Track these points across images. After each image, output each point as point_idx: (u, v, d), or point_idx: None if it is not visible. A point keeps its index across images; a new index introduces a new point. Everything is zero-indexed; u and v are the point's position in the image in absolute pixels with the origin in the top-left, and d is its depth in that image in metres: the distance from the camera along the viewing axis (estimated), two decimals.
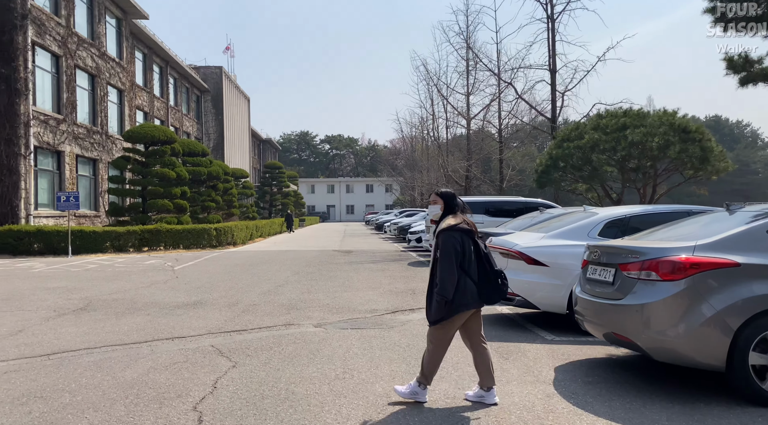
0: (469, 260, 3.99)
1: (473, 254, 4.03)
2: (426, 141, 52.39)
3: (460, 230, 3.97)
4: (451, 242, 3.93)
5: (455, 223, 4.00)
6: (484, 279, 4.05)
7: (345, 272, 13.44)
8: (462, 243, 3.95)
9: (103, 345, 6.12)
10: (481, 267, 4.05)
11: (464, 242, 3.97)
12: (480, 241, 4.12)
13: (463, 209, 4.16)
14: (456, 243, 3.92)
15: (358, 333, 6.70)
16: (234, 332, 6.85)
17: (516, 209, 15.04)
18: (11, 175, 19.41)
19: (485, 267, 4.06)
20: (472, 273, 4.00)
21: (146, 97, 33.48)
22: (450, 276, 3.88)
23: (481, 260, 4.06)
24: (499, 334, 6.63)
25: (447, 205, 4.15)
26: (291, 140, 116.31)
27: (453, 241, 3.93)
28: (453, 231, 3.97)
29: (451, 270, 3.89)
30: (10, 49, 19.47)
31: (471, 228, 4.05)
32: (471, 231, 4.04)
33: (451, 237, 3.95)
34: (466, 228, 4.01)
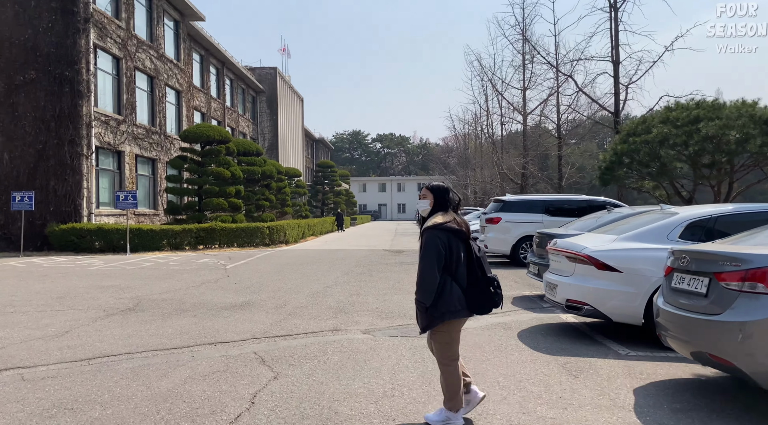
0: (458, 263, 3.57)
1: (464, 257, 3.60)
2: (479, 138, 51.40)
3: (447, 229, 3.55)
4: (435, 242, 3.51)
5: (443, 222, 3.58)
6: (475, 285, 3.61)
7: (395, 273, 12.99)
8: (448, 244, 3.53)
9: (144, 350, 5.90)
10: (471, 273, 3.62)
11: (451, 243, 3.55)
12: (473, 243, 3.70)
13: (456, 207, 3.73)
14: (440, 244, 3.51)
15: (408, 343, 6.22)
16: (279, 337, 6.51)
17: (578, 208, 14.20)
18: (74, 175, 20.02)
19: (476, 273, 3.62)
20: (461, 278, 3.59)
21: (203, 98, 34.16)
22: (428, 279, 3.48)
23: (472, 264, 3.63)
24: (565, 347, 5.99)
25: (437, 201, 3.72)
26: (343, 139, 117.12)
27: (437, 241, 3.51)
28: (439, 230, 3.55)
29: (430, 274, 3.48)
30: (73, 52, 20.08)
31: (461, 228, 3.61)
32: (461, 232, 3.60)
33: (435, 236, 3.53)
34: (455, 227, 3.57)
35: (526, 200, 14.82)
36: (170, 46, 28.66)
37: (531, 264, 9.52)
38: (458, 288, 3.56)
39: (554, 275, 6.81)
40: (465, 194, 56.65)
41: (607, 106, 24.93)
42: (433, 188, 3.75)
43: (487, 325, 7.18)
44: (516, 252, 14.28)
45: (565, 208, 14.37)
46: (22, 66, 20.11)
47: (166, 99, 27.52)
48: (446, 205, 3.69)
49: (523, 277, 12.05)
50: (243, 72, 42.05)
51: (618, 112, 23.07)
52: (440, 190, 3.74)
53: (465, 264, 3.61)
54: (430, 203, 3.72)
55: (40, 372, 5.09)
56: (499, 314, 7.95)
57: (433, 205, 3.71)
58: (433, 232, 3.55)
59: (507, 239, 14.35)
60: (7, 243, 19.95)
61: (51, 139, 20.00)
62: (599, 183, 18.40)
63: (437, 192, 3.73)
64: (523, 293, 9.98)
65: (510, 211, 14.53)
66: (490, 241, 14.71)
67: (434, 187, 3.75)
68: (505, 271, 13.24)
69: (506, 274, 12.67)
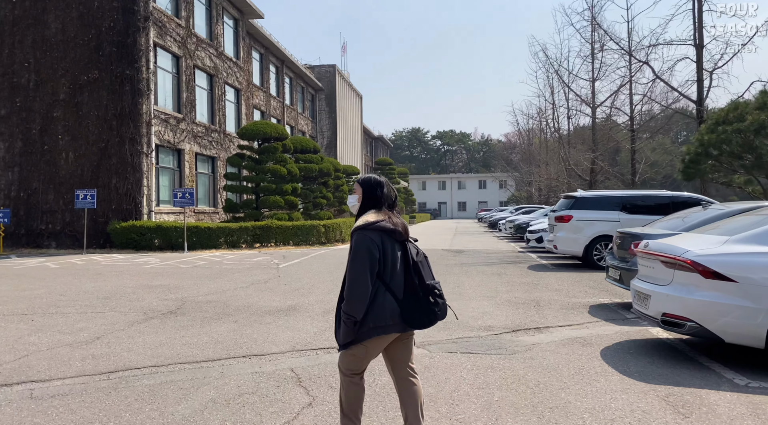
0: (393, 269, 2.99)
1: (400, 262, 3.02)
2: (545, 132, 49.29)
3: (380, 230, 2.98)
4: (366, 244, 2.93)
5: (375, 221, 3.00)
6: (411, 295, 3.02)
7: (455, 276, 12.04)
8: (381, 246, 2.96)
9: (171, 363, 5.28)
10: (408, 280, 3.03)
11: (386, 246, 2.98)
12: (412, 246, 3.12)
13: (392, 204, 3.16)
14: (372, 247, 2.93)
15: (470, 361, 5.31)
16: (321, 350, 5.75)
17: (659, 205, 12.76)
18: (134, 173, 20.21)
19: (413, 280, 3.03)
20: (396, 286, 3.00)
21: (263, 96, 34.26)
22: (358, 288, 2.90)
23: (408, 271, 3.04)
24: (663, 372, 4.91)
25: (367, 197, 3.14)
26: (402, 137, 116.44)
27: (368, 244, 2.93)
28: (369, 230, 2.97)
29: (361, 281, 2.90)
30: (133, 50, 20.27)
31: (396, 228, 3.02)
32: (396, 232, 3.01)
33: (365, 238, 2.95)
34: (390, 227, 3.00)
35: (600, 196, 13.48)
36: (230, 44, 28.77)
37: (611, 268, 8.36)
38: (392, 299, 2.97)
39: (645, 283, 5.71)
40: (529, 191, 54.65)
41: (688, 94, 22.88)
42: (363, 181, 3.19)
43: (562, 340, 6.16)
44: (589, 254, 12.99)
45: (645, 204, 12.94)
46: (86, 66, 20.49)
47: (225, 97, 27.62)
48: (379, 202, 3.12)
49: (598, 282, 10.83)
50: (302, 70, 42.06)
51: (701, 101, 21.04)
52: (372, 183, 3.16)
53: (402, 271, 3.02)
54: (358, 199, 3.16)
55: (53, 388, 4.54)
56: (576, 326, 6.89)
57: (362, 201, 3.15)
58: (364, 233, 2.96)
59: (579, 239, 13.08)
60: (72, 240, 20.41)
61: (113, 137, 20.29)
62: (682, 177, 16.73)
63: (368, 186, 3.15)
64: (601, 300, 8.82)
65: (582, 209, 13.25)
66: (559, 241, 13.48)
67: (364, 180, 3.19)
68: (577, 274, 12.02)
69: (578, 278, 11.46)
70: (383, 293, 2.97)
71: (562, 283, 10.72)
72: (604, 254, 12.91)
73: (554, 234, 13.84)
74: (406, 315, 2.98)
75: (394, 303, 2.97)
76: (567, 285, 10.41)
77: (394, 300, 2.97)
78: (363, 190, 3.15)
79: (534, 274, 12.20)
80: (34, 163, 20.76)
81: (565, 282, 10.94)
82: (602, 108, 31.20)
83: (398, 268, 3.01)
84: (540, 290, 9.88)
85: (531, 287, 10.27)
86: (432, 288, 3.04)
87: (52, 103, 20.68)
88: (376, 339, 2.99)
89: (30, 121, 20.82)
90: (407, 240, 3.09)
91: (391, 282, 2.99)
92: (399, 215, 3.16)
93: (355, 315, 2.91)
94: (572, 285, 10.42)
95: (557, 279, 11.37)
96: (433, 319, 3.05)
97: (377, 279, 2.97)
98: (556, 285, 10.42)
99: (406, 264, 3.05)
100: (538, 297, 9.14)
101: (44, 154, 20.68)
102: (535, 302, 8.65)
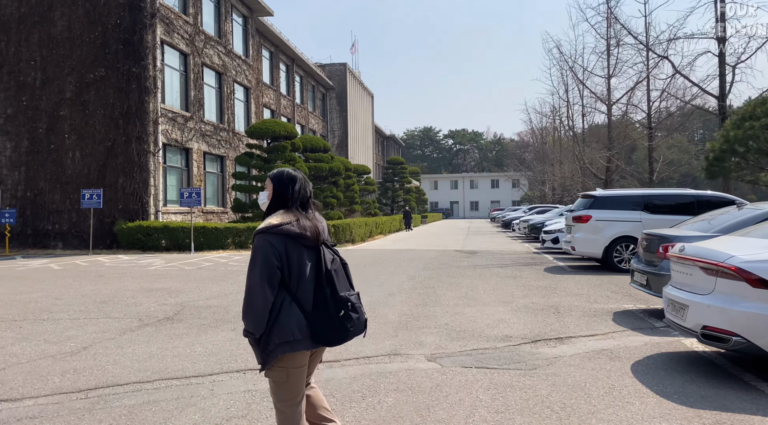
0: (300, 278, 2.63)
1: (310, 271, 2.64)
2: (558, 131, 48.48)
3: (283, 234, 2.60)
4: (264, 251, 2.56)
5: (278, 223, 2.62)
6: (321, 308, 2.64)
7: (468, 278, 11.51)
8: (285, 253, 2.60)
9: (158, 378, 4.83)
10: (318, 291, 2.66)
11: (290, 252, 2.61)
12: (328, 252, 2.73)
13: (305, 203, 2.76)
14: (271, 253, 2.56)
15: (486, 378, 4.80)
16: (323, 363, 5.27)
17: (683, 205, 12.14)
18: (141, 172, 19.90)
19: (323, 292, 2.65)
20: (304, 297, 2.64)
21: (273, 94, 33.90)
22: (256, 300, 2.53)
23: (320, 280, 2.66)
24: (706, 393, 4.36)
25: (277, 194, 2.75)
26: (414, 136, 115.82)
27: (266, 250, 2.56)
28: (272, 234, 2.59)
29: (257, 292, 2.54)
30: (140, 48, 19.95)
31: (304, 231, 2.63)
32: (303, 236, 2.62)
33: (264, 243, 2.58)
34: (296, 231, 2.61)
35: (621, 195, 12.87)
36: (239, 42, 28.42)
37: (636, 272, 7.79)
38: (298, 312, 2.62)
39: (681, 291, 5.15)
40: (542, 191, 53.81)
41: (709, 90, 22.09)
42: (274, 176, 2.79)
43: (587, 353, 5.63)
44: (609, 256, 12.39)
45: (668, 204, 12.31)
46: (93, 63, 20.21)
47: (234, 96, 27.27)
48: (288, 200, 2.73)
49: (620, 286, 10.24)
50: (313, 68, 41.66)
51: (724, 96, 20.27)
52: (284, 179, 2.76)
53: (312, 280, 2.65)
54: (268, 196, 2.79)
55: (23, 410, 4.10)
56: (600, 336, 6.35)
57: (271, 199, 2.77)
58: (264, 237, 2.59)
59: (598, 240, 12.48)
60: (79, 241, 20.14)
61: (119, 136, 19.99)
62: (705, 176, 16.04)
63: (278, 182, 2.76)
64: (625, 306, 8.25)
65: (602, 208, 12.64)
66: (577, 242, 12.88)
67: (276, 175, 2.79)
68: (597, 278, 11.43)
69: (599, 282, 10.88)
70: (288, 305, 2.61)
71: (582, 287, 10.15)
72: (625, 256, 12.32)
73: (572, 235, 13.25)
74: (314, 330, 2.61)
75: (301, 316, 2.61)
76: (587, 290, 9.84)
77: (300, 313, 2.61)
78: (273, 186, 2.75)
79: (551, 277, 11.63)
80: (41, 163, 20.52)
81: (585, 286, 10.37)
82: (618, 105, 30.45)
83: (307, 277, 2.64)
84: (559, 295, 9.33)
85: (549, 291, 9.71)
86: (345, 301, 2.66)
87: (58, 101, 20.43)
88: (290, 358, 2.60)
89: (36, 120, 20.59)
90: (321, 246, 2.71)
91: (298, 293, 2.63)
92: (314, 216, 2.78)
93: (254, 330, 2.55)
94: (593, 290, 9.85)
95: (576, 282, 10.80)
96: (345, 336, 2.67)
97: (282, 289, 2.61)
98: (576, 290, 9.86)
99: (318, 272, 2.67)
100: (557, 302, 8.59)
101: (51, 154, 20.44)
102: (554, 308, 8.10)
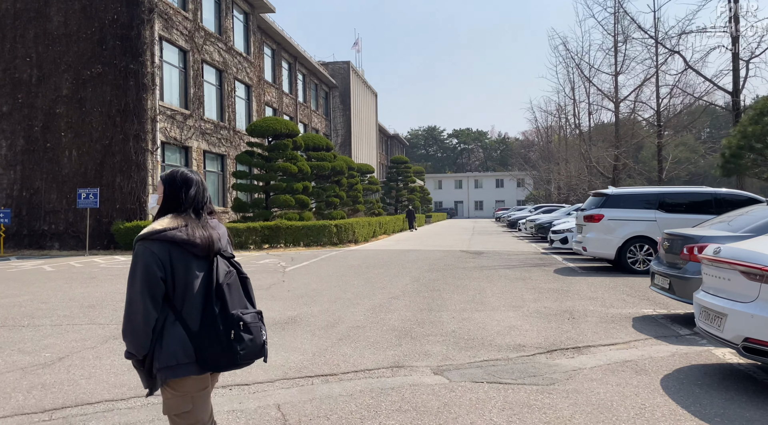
0: (186, 293, 2.29)
1: (199, 284, 2.30)
2: (564, 129, 47.85)
3: (168, 241, 2.27)
4: (144, 259, 2.24)
5: (163, 228, 2.29)
6: (209, 327, 2.27)
7: (475, 281, 10.99)
8: (170, 263, 2.27)
9: (134, 395, 4.34)
10: (207, 308, 2.30)
11: (176, 262, 2.28)
12: (223, 264, 2.38)
13: (198, 207, 2.42)
14: (152, 262, 2.24)
15: (500, 395, 4.29)
16: (318, 377, 4.77)
17: (701, 203, 11.60)
18: (139, 171, 19.45)
19: (212, 309, 2.28)
20: (190, 315, 2.29)
21: (275, 93, 33.42)
22: (134, 316, 2.22)
23: (209, 296, 2.30)
24: (754, 417, 3.82)
25: (169, 197, 2.41)
26: (418, 136, 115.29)
27: (147, 258, 2.24)
28: (153, 241, 2.27)
29: (137, 307, 2.21)
30: (137, 44, 19.50)
31: (192, 239, 2.29)
32: (191, 244, 2.29)
33: (145, 250, 2.26)
34: (182, 238, 2.28)
35: (635, 193, 12.32)
36: (239, 38, 27.95)
37: (657, 275, 7.25)
38: (183, 332, 2.27)
39: (716, 298, 4.63)
40: (548, 190, 53.17)
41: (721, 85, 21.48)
42: (166, 177, 2.44)
43: (609, 365, 5.11)
44: (622, 257, 11.84)
45: (686, 202, 11.76)
46: (89, 60, 19.77)
47: (235, 93, 26.81)
48: (179, 205, 2.38)
49: (636, 289, 9.71)
50: (316, 67, 41.18)
51: (737, 92, 19.68)
52: (176, 181, 2.41)
53: (202, 295, 2.30)
54: (158, 199, 2.47)
55: None
56: (622, 346, 5.83)
57: (162, 203, 2.43)
58: (145, 245, 2.27)
59: (611, 240, 11.93)
60: (76, 241, 19.71)
61: (117, 134, 19.54)
62: (720, 173, 15.47)
63: (169, 184, 2.42)
64: (643, 311, 7.72)
65: (614, 207, 12.09)
66: (589, 243, 12.34)
67: (167, 177, 2.44)
68: (610, 280, 10.90)
69: (613, 284, 10.34)
70: (172, 324, 2.25)
71: (596, 290, 9.62)
72: (639, 257, 11.79)
73: (583, 235, 12.71)
74: (199, 352, 2.25)
75: (185, 336, 2.25)
76: (601, 293, 9.31)
77: (185, 333, 2.25)
78: (164, 188, 2.40)
79: (562, 279, 11.10)
80: (37, 162, 20.10)
81: (599, 288, 9.84)
82: (626, 102, 29.85)
83: (195, 292, 2.28)
84: (572, 298, 8.80)
85: (561, 294, 9.18)
86: (237, 320, 2.28)
87: (54, 99, 20.00)
88: (188, 382, 2.25)
89: (32, 118, 20.16)
90: (216, 257, 2.35)
91: (183, 310, 2.27)
92: (209, 223, 2.42)
93: (135, 351, 2.23)
94: (607, 293, 9.32)
95: (589, 285, 10.27)
96: (235, 361, 2.29)
97: (166, 305, 2.25)
98: (589, 293, 9.33)
99: (208, 287, 2.30)
100: (570, 306, 8.07)
101: (47, 152, 20.00)
102: (568, 313, 7.58)
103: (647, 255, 11.72)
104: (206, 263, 2.34)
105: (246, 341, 2.30)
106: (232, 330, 2.27)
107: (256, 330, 2.35)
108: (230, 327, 2.27)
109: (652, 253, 11.65)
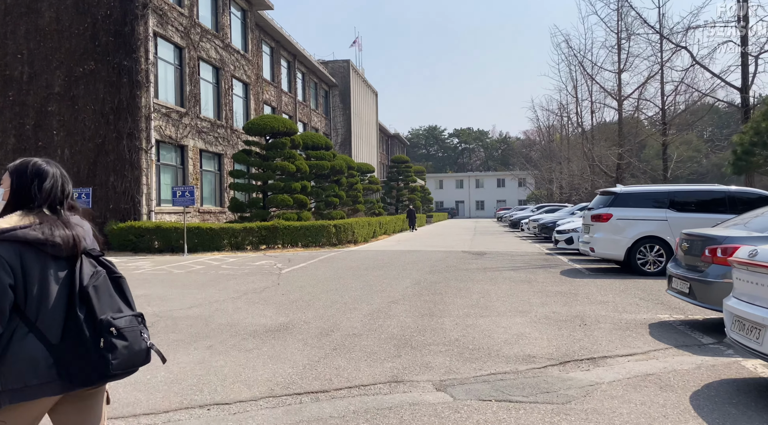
0: (42, 301, 1.94)
1: (61, 289, 1.98)
2: (566, 128, 47.41)
3: (18, 240, 1.92)
4: None
5: (11, 227, 1.93)
6: (74, 337, 1.96)
7: (479, 283, 10.50)
8: (20, 266, 1.91)
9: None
10: (70, 315, 1.97)
11: (27, 265, 1.93)
12: (87, 265, 2.04)
13: (56, 202, 2.08)
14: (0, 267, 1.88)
15: (511, 417, 3.80)
16: (308, 395, 4.29)
17: (714, 201, 11.12)
18: (133, 170, 18.98)
19: (76, 315, 1.96)
20: (49, 325, 1.95)
21: (273, 91, 32.96)
22: None
23: (72, 302, 1.97)
24: None
25: (17, 191, 2.06)
26: (419, 135, 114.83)
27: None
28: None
29: None
30: (131, 40, 19.03)
31: (50, 238, 1.96)
32: (47, 244, 1.95)
33: None
34: (36, 237, 1.94)
35: (644, 191, 11.84)
36: (237, 36, 27.48)
37: (675, 278, 6.77)
38: (37, 345, 1.94)
39: (753, 307, 4.14)
40: (549, 189, 52.67)
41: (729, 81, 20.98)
42: (14, 169, 2.12)
43: (629, 379, 4.63)
44: (632, 258, 11.35)
45: (698, 200, 11.29)
46: (82, 57, 19.31)
47: (232, 91, 26.33)
48: (31, 200, 2.06)
49: (648, 292, 9.22)
50: (315, 65, 40.72)
51: (746, 88, 19.19)
52: (25, 172, 2.09)
53: (64, 301, 1.99)
54: (4, 194, 2.13)
55: None
56: (641, 356, 5.35)
57: (8, 198, 2.10)
58: None
59: (620, 241, 11.45)
60: None
61: (110, 132, 19.08)
62: (732, 171, 14.99)
63: (18, 176, 2.09)
64: (660, 317, 7.23)
65: (623, 206, 11.61)
66: (597, 243, 11.85)
67: (15, 168, 2.12)
68: (620, 282, 10.41)
69: (623, 286, 9.85)
70: (22, 337, 1.92)
71: (606, 294, 9.13)
72: (650, 258, 11.30)
73: (590, 235, 12.22)
74: (63, 366, 1.95)
75: (43, 350, 1.94)
76: (612, 297, 8.83)
77: (42, 347, 1.94)
78: (12, 181, 2.08)
79: (570, 282, 10.61)
80: None
81: (609, 291, 9.35)
82: (629, 100, 29.36)
83: (53, 298, 1.97)
84: (581, 302, 8.31)
85: (570, 298, 8.70)
86: (107, 326, 1.97)
87: (46, 96, 19.54)
88: (19, 409, 1.91)
89: (23, 116, 19.70)
90: (79, 256, 2.03)
91: (38, 320, 1.95)
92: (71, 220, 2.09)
93: None
94: (618, 297, 8.83)
95: (598, 288, 9.78)
96: (105, 371, 1.96)
97: (15, 315, 1.92)
98: (600, 297, 8.84)
99: (70, 291, 2.00)
100: (581, 311, 7.58)
101: (38, 151, 19.52)
102: (579, 319, 7.10)
103: (658, 256, 11.24)
104: (67, 264, 2.01)
105: (120, 348, 1.97)
106: (101, 338, 1.95)
107: (133, 335, 2.02)
108: (99, 335, 1.96)
109: (663, 254, 11.17)
